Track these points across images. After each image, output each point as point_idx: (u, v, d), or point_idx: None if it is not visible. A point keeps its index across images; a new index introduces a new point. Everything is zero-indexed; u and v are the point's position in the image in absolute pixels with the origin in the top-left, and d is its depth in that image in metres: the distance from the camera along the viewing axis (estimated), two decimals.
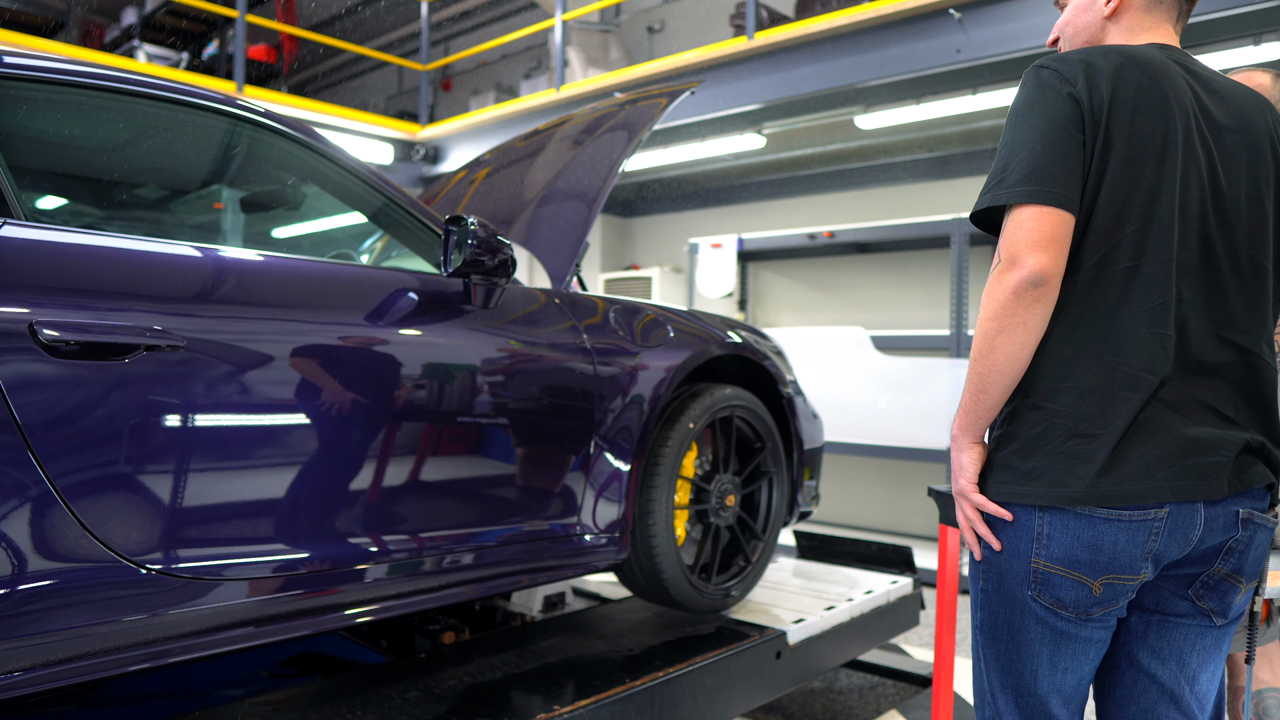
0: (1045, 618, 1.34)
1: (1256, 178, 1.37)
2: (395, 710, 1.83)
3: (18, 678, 1.29)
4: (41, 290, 1.33)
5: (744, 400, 2.45)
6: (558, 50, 6.94)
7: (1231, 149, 1.36)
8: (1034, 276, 1.26)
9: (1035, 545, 1.32)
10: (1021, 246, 1.27)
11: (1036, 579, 1.33)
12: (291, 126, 1.84)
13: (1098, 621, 1.35)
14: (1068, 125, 1.29)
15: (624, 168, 2.40)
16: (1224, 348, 1.33)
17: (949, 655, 2.36)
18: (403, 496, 1.76)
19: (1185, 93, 1.34)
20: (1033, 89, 1.34)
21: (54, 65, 1.57)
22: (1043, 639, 1.36)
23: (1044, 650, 1.36)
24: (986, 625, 1.42)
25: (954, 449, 1.41)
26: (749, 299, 7.45)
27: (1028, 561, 1.33)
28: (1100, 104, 1.29)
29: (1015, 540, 1.34)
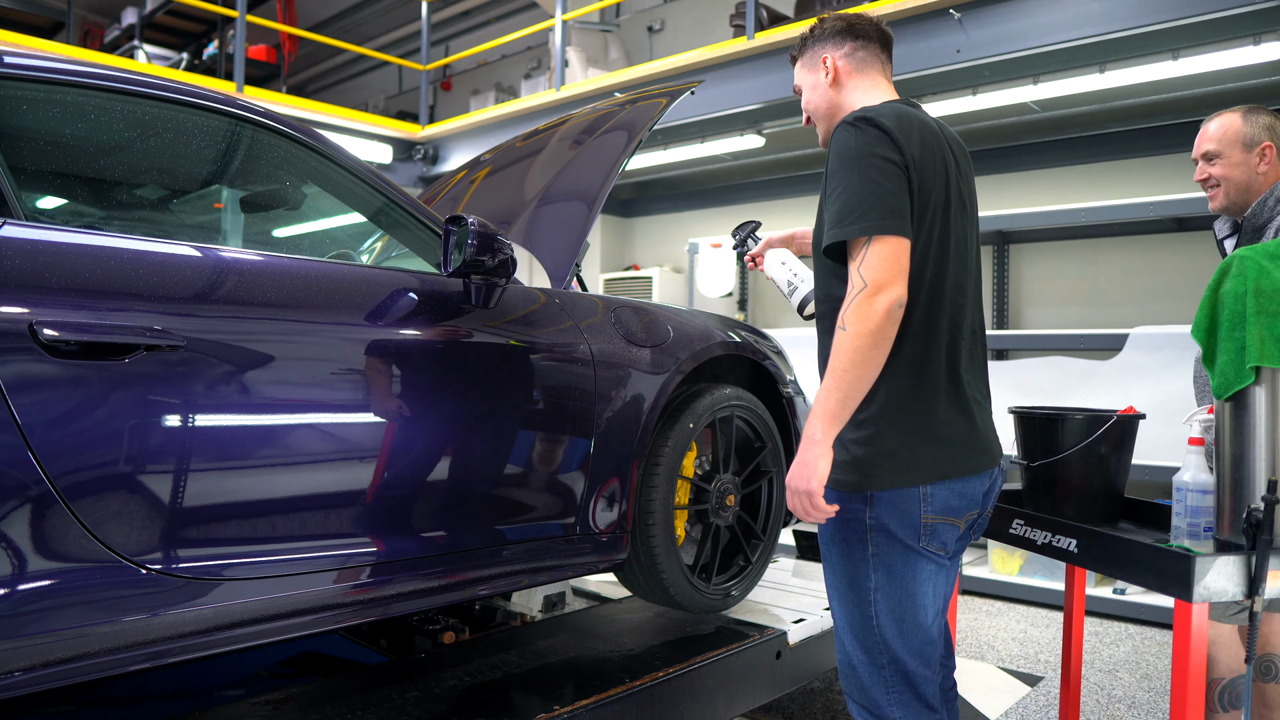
0: (933, 558, 1.65)
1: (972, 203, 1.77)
2: (395, 710, 1.83)
3: (18, 678, 1.29)
4: (41, 290, 1.33)
5: (744, 400, 2.45)
6: (558, 50, 6.94)
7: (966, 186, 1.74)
8: (900, 299, 1.54)
9: (922, 505, 1.62)
10: (889, 273, 1.53)
11: (926, 530, 1.63)
12: (291, 126, 1.84)
13: (957, 552, 1.71)
14: (899, 170, 1.58)
15: (624, 168, 2.40)
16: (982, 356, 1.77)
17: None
18: (403, 497, 1.76)
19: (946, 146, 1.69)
20: (867, 138, 1.60)
21: (54, 65, 1.57)
22: (929, 576, 1.65)
23: (929, 586, 1.66)
24: (881, 583, 1.66)
25: (813, 450, 1.56)
26: (749, 299, 7.45)
27: (917, 519, 1.62)
28: (913, 155, 1.59)
29: (904, 504, 1.62)
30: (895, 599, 1.65)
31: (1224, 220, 2.49)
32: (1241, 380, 1.78)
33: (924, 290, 1.62)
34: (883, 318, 1.52)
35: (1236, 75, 4.83)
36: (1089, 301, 5.67)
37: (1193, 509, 1.88)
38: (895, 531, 1.63)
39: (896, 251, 1.53)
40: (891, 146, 1.58)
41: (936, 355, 1.63)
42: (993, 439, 1.74)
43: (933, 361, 1.63)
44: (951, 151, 1.70)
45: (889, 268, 1.53)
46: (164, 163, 1.89)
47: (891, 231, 1.53)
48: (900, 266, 1.54)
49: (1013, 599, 4.78)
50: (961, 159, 1.75)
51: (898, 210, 1.55)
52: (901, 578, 1.65)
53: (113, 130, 1.73)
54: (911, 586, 1.65)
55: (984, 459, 1.68)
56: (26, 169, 1.59)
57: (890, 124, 1.59)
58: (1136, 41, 4.35)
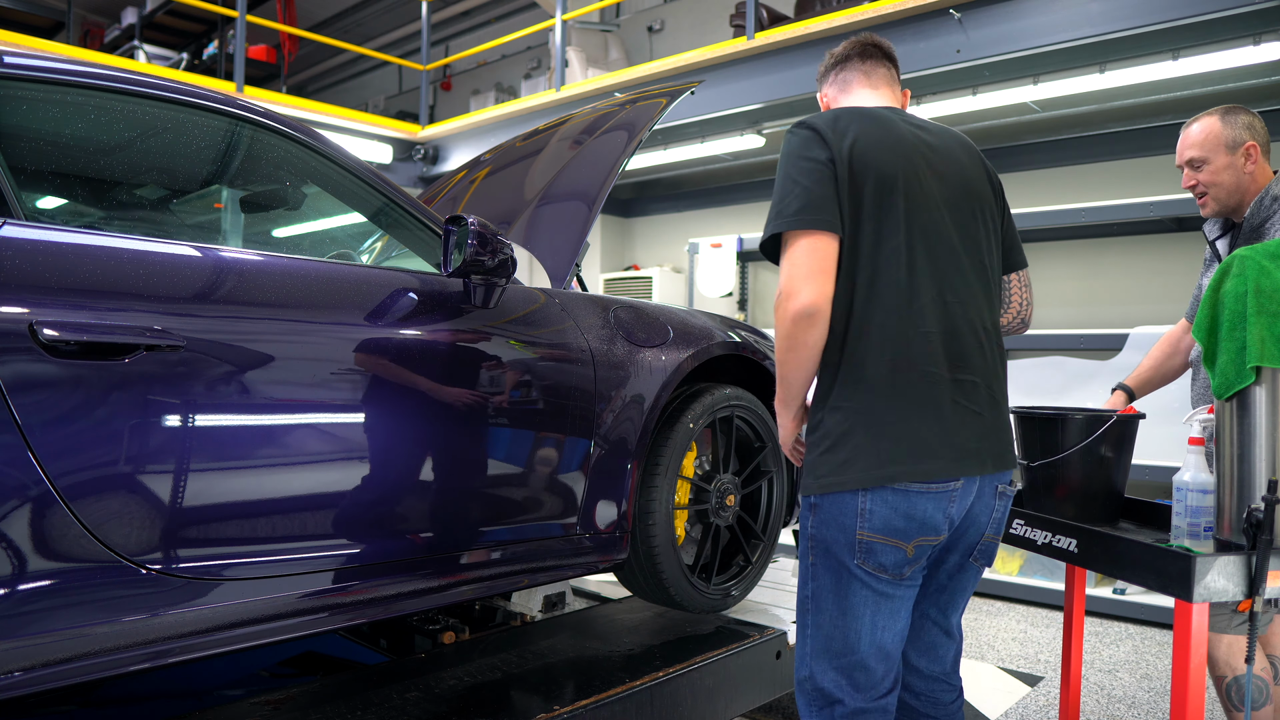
0: (870, 581, 1.55)
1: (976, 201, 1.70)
2: (395, 710, 1.83)
3: (18, 678, 1.29)
4: (41, 290, 1.33)
5: (744, 400, 2.45)
6: (558, 50, 6.94)
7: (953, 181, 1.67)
8: (807, 307, 1.54)
9: (859, 519, 1.53)
10: (799, 277, 1.55)
11: (862, 548, 1.54)
12: (291, 126, 1.84)
13: (909, 581, 1.58)
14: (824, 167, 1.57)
15: (624, 168, 2.40)
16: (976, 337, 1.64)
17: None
18: (403, 496, 1.76)
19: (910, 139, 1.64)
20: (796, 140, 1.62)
21: (54, 65, 1.56)
22: (866, 601, 1.56)
23: (866, 611, 1.56)
24: (816, 595, 1.62)
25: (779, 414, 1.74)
26: (749, 299, 7.45)
27: (853, 534, 1.54)
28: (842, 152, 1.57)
29: (840, 516, 1.55)
30: (826, 615, 1.59)
31: (1214, 222, 2.48)
32: (1242, 380, 1.78)
33: (864, 284, 1.56)
34: (789, 325, 1.54)
35: (1236, 75, 4.82)
36: (1089, 301, 5.67)
37: (1193, 509, 1.88)
38: (830, 545, 1.57)
39: (810, 250, 1.54)
40: (819, 145, 1.58)
41: (882, 351, 1.54)
42: (970, 447, 1.56)
43: (876, 357, 1.54)
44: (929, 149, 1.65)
45: (799, 271, 1.53)
46: (164, 163, 1.89)
47: (807, 226, 1.53)
48: (811, 268, 1.53)
49: (1013, 599, 4.78)
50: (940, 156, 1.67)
51: (814, 205, 1.54)
52: (834, 594, 1.58)
53: (113, 130, 1.73)
54: (844, 605, 1.57)
55: (938, 466, 1.52)
56: (26, 169, 1.59)
57: (822, 124, 1.60)
58: (1136, 41, 4.35)
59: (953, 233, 1.63)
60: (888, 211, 1.57)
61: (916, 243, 1.58)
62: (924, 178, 1.62)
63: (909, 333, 1.55)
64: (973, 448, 1.56)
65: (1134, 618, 4.41)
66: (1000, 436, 1.63)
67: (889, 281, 1.56)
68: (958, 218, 1.65)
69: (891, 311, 1.56)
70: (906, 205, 1.58)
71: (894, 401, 1.54)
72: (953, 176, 1.67)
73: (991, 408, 1.61)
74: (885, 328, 1.55)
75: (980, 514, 1.64)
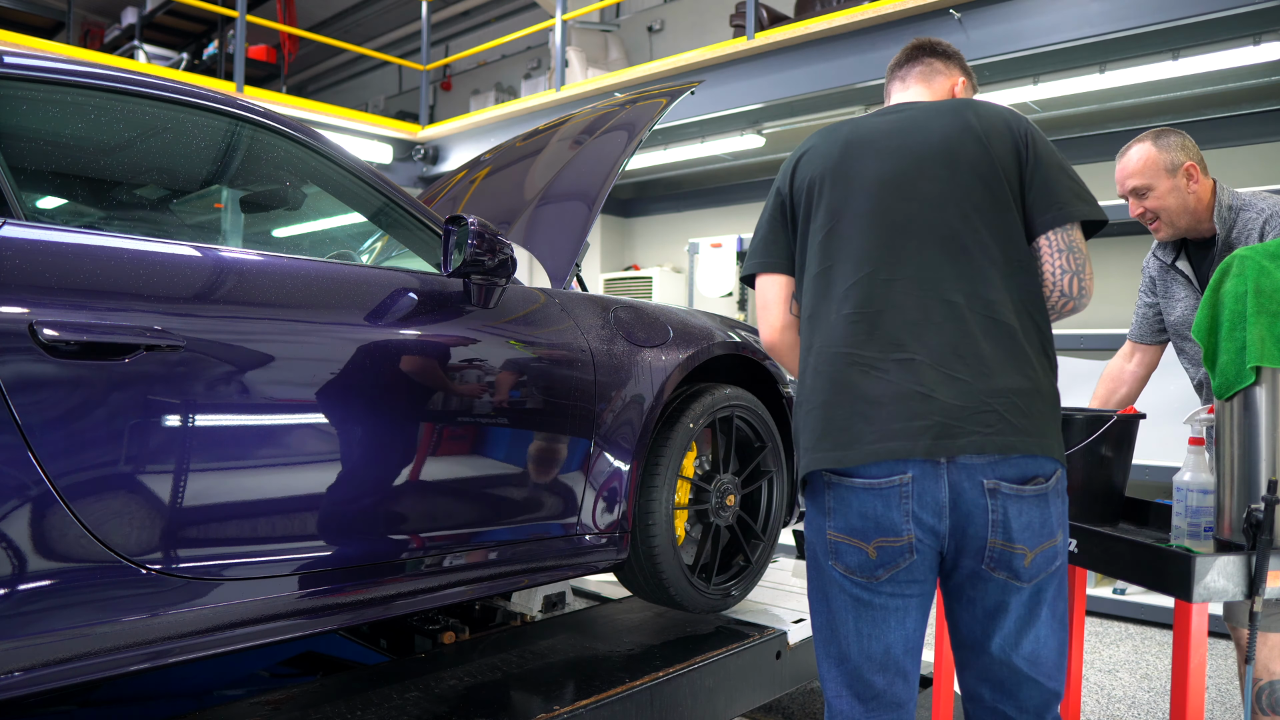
0: (844, 584, 1.50)
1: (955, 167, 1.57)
2: (395, 710, 1.83)
3: (18, 678, 1.29)
4: (41, 290, 1.33)
5: (744, 400, 2.45)
6: (558, 50, 6.94)
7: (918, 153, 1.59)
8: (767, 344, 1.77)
9: (828, 517, 1.50)
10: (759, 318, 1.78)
11: (831, 548, 1.51)
12: (291, 126, 1.84)
13: (889, 588, 1.48)
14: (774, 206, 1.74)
15: (624, 168, 2.40)
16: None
17: (949, 655, 2.36)
18: (403, 496, 1.76)
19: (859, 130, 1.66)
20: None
21: (54, 65, 1.56)
22: (846, 605, 1.51)
23: (849, 617, 1.51)
24: (810, 597, 1.59)
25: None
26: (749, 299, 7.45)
27: (824, 534, 1.51)
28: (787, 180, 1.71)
29: (815, 516, 1.54)
30: (821, 618, 1.57)
31: (1163, 248, 2.49)
32: (1242, 380, 1.78)
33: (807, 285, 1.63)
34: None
35: (1236, 75, 4.82)
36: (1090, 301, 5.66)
37: (1193, 509, 1.87)
38: (811, 545, 1.56)
39: (760, 290, 1.74)
40: (776, 183, 1.74)
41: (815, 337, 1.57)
42: (895, 427, 1.43)
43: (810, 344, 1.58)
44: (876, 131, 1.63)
45: (758, 310, 1.75)
46: (164, 163, 1.89)
47: (755, 270, 1.74)
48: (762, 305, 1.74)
49: None
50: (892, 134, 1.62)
51: (757, 249, 1.74)
52: (823, 596, 1.55)
53: (113, 130, 1.73)
54: (831, 607, 1.54)
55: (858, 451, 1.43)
56: (26, 169, 1.59)
57: (787, 160, 1.74)
58: (1136, 41, 4.35)
59: (898, 208, 1.55)
60: (815, 213, 1.63)
61: (843, 229, 1.58)
62: (855, 164, 1.60)
63: (830, 318, 1.55)
64: (899, 428, 1.43)
65: (1134, 618, 4.41)
66: (966, 417, 1.43)
67: (811, 275, 1.61)
68: (908, 192, 1.55)
69: (816, 302, 1.59)
70: (830, 198, 1.61)
71: (816, 390, 1.54)
72: (907, 149, 1.58)
73: (949, 384, 1.44)
74: (813, 320, 1.58)
75: (971, 513, 1.45)
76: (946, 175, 1.55)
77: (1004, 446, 1.43)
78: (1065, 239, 1.56)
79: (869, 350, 1.49)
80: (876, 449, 1.43)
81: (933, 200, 1.54)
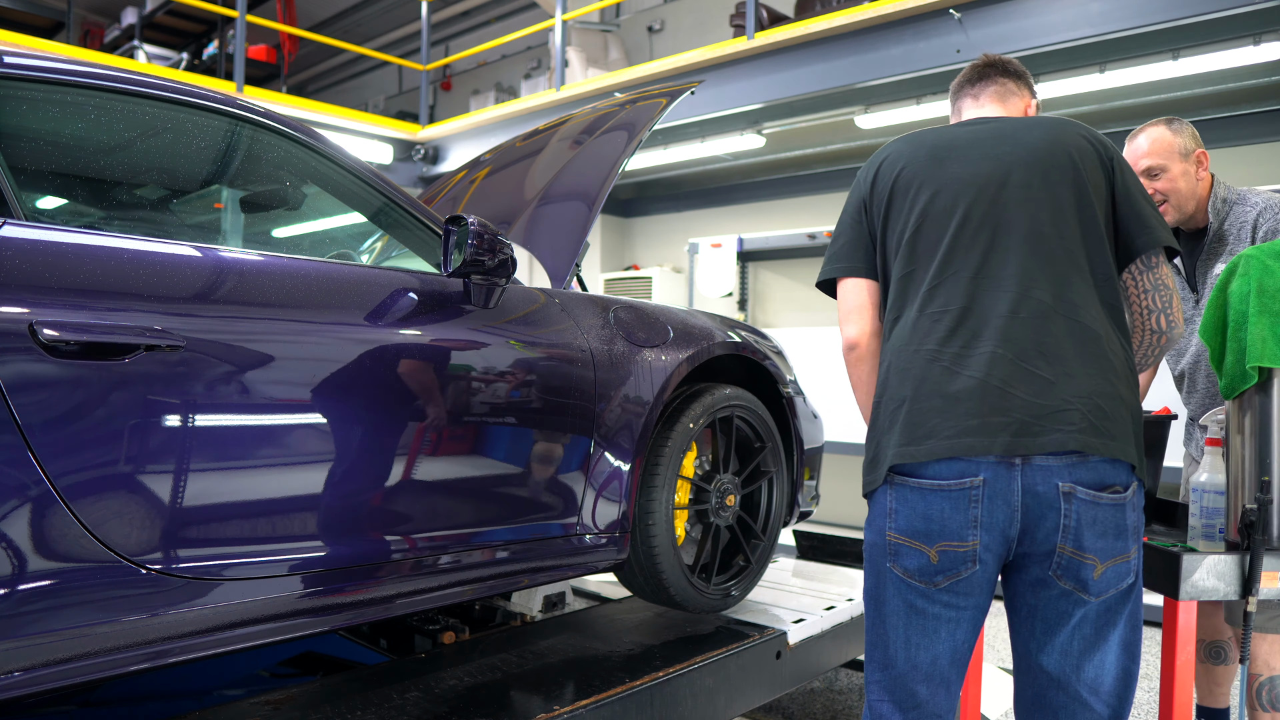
0: (901, 588, 1.49)
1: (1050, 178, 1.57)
2: (395, 710, 1.83)
3: (18, 678, 1.29)
4: (41, 290, 1.33)
5: (744, 400, 2.45)
6: (558, 50, 6.94)
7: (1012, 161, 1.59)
8: (848, 343, 1.70)
9: (889, 519, 1.50)
10: (840, 319, 1.72)
11: (891, 549, 1.50)
12: (291, 126, 1.84)
13: (946, 597, 1.45)
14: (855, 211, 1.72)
15: (624, 168, 2.40)
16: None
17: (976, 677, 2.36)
18: (403, 496, 1.76)
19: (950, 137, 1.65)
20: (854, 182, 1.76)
21: (54, 65, 1.56)
22: (899, 610, 1.49)
23: (900, 624, 1.49)
24: (865, 599, 1.59)
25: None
26: (749, 299, 7.45)
27: (884, 535, 1.51)
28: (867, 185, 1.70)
29: (876, 517, 1.54)
30: (871, 621, 1.56)
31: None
32: (1246, 381, 1.78)
33: (891, 287, 1.63)
34: (845, 363, 1.72)
35: (1236, 75, 4.82)
36: None
37: (1209, 510, 1.86)
38: (872, 547, 1.55)
39: (844, 295, 1.70)
40: (856, 189, 1.72)
41: (896, 339, 1.57)
42: (972, 424, 1.40)
43: (892, 346, 1.58)
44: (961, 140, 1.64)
45: (841, 312, 1.71)
46: (164, 163, 1.89)
47: (838, 274, 1.71)
48: (846, 309, 1.70)
49: None
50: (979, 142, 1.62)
51: (840, 253, 1.70)
52: (875, 600, 1.54)
53: (113, 130, 1.73)
54: (883, 612, 1.52)
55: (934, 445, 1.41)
56: (26, 169, 1.59)
57: (864, 167, 1.72)
58: (1136, 41, 4.35)
59: (987, 210, 1.54)
60: (899, 215, 1.62)
61: (929, 230, 1.57)
62: (943, 168, 1.60)
63: (913, 316, 1.55)
64: (977, 424, 1.40)
65: None
66: (1046, 415, 1.40)
67: (896, 277, 1.61)
68: (998, 195, 1.55)
69: (901, 303, 1.59)
70: (916, 200, 1.60)
71: (896, 388, 1.52)
72: (998, 156, 1.58)
73: (1030, 381, 1.41)
74: (896, 320, 1.59)
75: (1043, 516, 1.41)
76: (1039, 183, 1.55)
77: (1084, 445, 1.39)
78: (1152, 278, 1.59)
79: (951, 347, 1.47)
80: (952, 444, 1.41)
81: (1023, 205, 1.53)
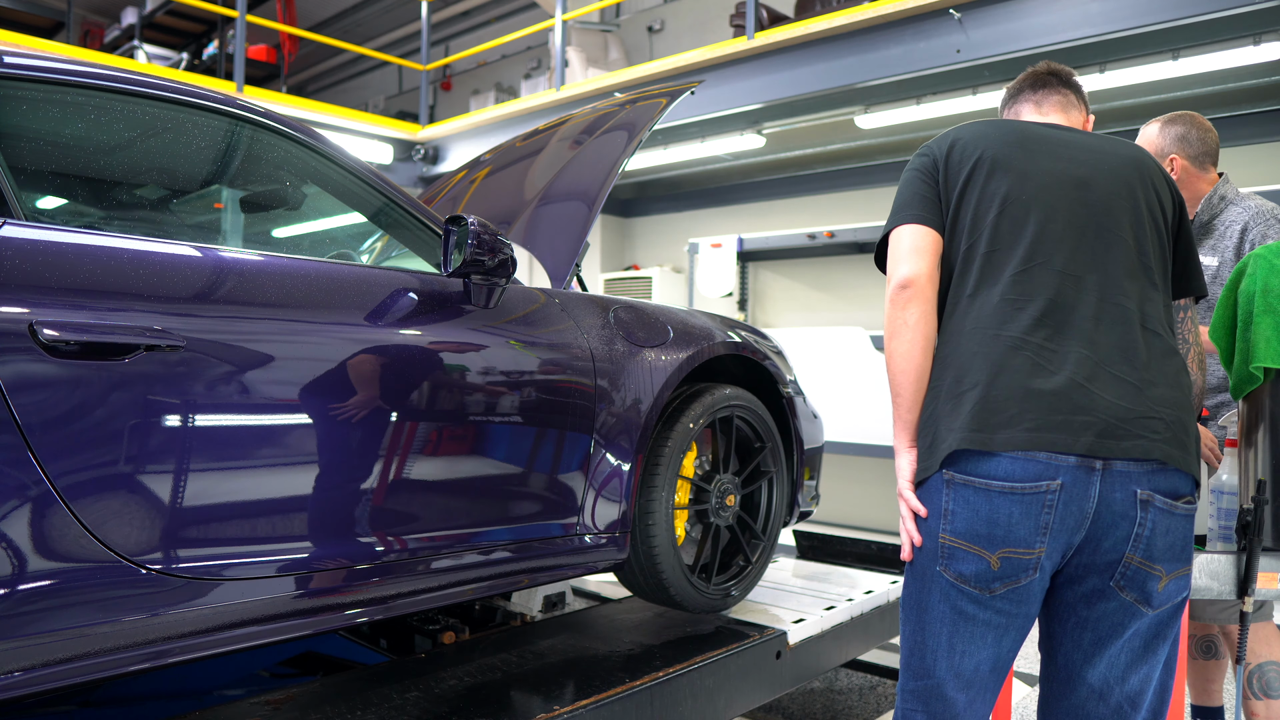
0: (952, 593, 1.42)
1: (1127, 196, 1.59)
2: (395, 710, 1.83)
3: (18, 678, 1.29)
4: (41, 290, 1.33)
5: (744, 400, 2.45)
6: (558, 50, 6.94)
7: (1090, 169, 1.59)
8: (905, 277, 1.52)
9: (943, 520, 1.43)
10: (893, 259, 1.57)
11: (944, 553, 1.43)
12: (291, 126, 1.84)
13: (1001, 605, 1.41)
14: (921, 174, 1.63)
15: (624, 168, 2.40)
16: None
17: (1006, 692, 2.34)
18: (403, 496, 1.76)
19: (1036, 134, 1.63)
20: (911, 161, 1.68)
21: (54, 65, 1.56)
22: (944, 617, 1.44)
23: (944, 630, 1.44)
24: (904, 604, 1.54)
25: (896, 458, 1.56)
26: (749, 299, 7.45)
27: (937, 536, 1.44)
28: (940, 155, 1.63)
29: (926, 518, 1.46)
30: (910, 627, 1.49)
31: None
32: (1253, 381, 1.76)
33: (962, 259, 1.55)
34: (890, 306, 1.54)
35: (1236, 75, 4.83)
36: None
37: (1226, 511, 1.84)
38: (919, 547, 1.47)
39: (899, 237, 1.58)
40: (922, 156, 1.65)
41: (971, 318, 1.49)
42: (1056, 419, 1.36)
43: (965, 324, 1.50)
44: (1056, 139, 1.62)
45: (893, 255, 1.58)
46: (164, 163, 1.89)
47: (900, 222, 1.60)
48: (904, 249, 1.56)
49: None
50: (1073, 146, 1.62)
51: (907, 205, 1.60)
52: (917, 605, 1.47)
53: (113, 130, 1.73)
54: (924, 619, 1.46)
55: (1010, 435, 1.35)
56: (26, 169, 1.59)
57: (933, 141, 1.67)
58: (1136, 41, 4.35)
59: (1079, 211, 1.54)
60: (977, 190, 1.56)
61: (1017, 214, 1.52)
62: (1034, 159, 1.57)
63: (994, 300, 1.48)
64: (1061, 420, 1.36)
65: None
66: (1132, 420, 1.38)
67: (980, 253, 1.53)
68: (1091, 198, 1.56)
69: (978, 282, 1.51)
70: (1004, 183, 1.55)
71: (971, 371, 1.44)
72: (1089, 162, 1.60)
73: (1115, 385, 1.40)
74: (972, 298, 1.51)
75: (1115, 524, 1.38)
76: (1125, 196, 1.57)
77: (1166, 455, 1.38)
78: (1190, 324, 1.68)
79: (1035, 338, 1.43)
80: (1033, 437, 1.35)
81: (1110, 214, 1.55)
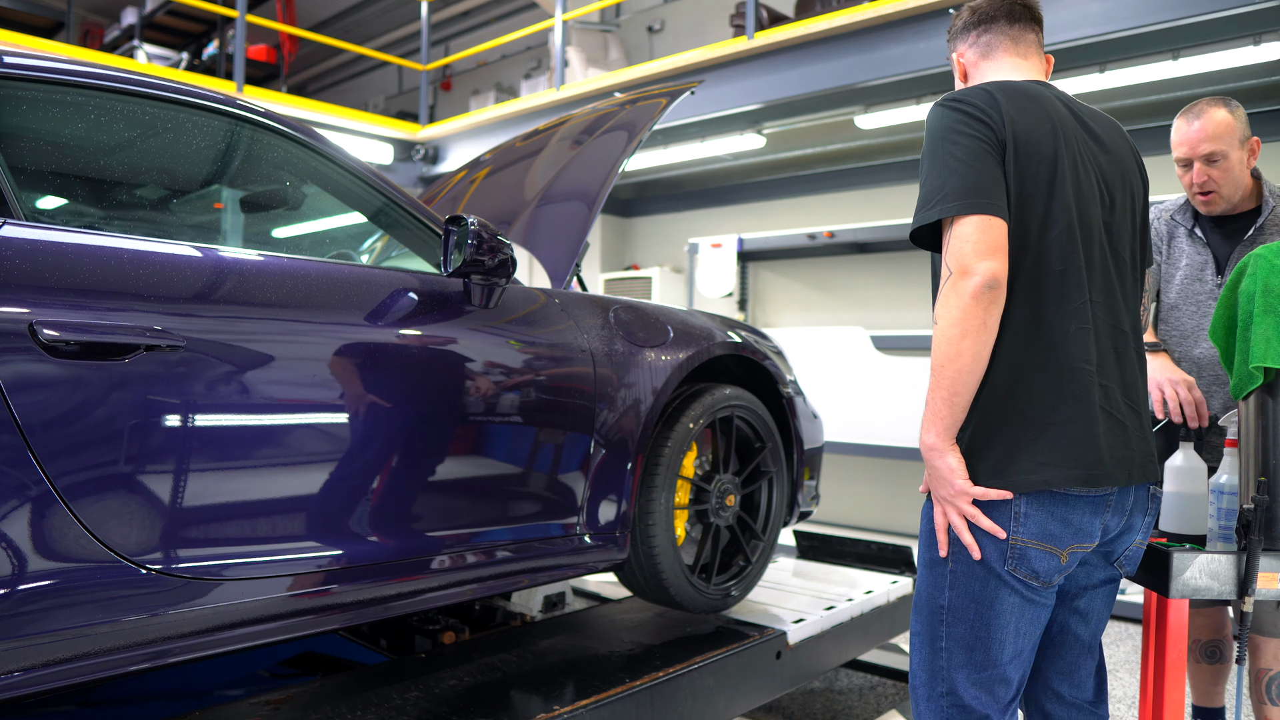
0: (1019, 588, 1.48)
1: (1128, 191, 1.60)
2: (395, 710, 1.83)
3: (18, 678, 1.29)
4: (41, 290, 1.33)
5: (744, 400, 2.45)
6: (558, 50, 6.94)
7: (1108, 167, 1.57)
8: (991, 279, 1.40)
9: (1014, 523, 1.45)
10: (975, 253, 1.41)
11: (1014, 554, 1.46)
12: (291, 126, 1.84)
13: (1050, 591, 1.52)
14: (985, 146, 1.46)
15: (624, 168, 2.40)
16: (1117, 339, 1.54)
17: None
18: (402, 496, 1.76)
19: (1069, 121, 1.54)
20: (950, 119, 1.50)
21: (54, 65, 1.56)
22: (1012, 609, 1.49)
23: (1010, 620, 1.49)
24: (954, 605, 1.52)
25: (935, 455, 1.49)
26: (749, 299, 7.45)
27: (1004, 540, 1.46)
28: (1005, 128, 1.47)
29: (994, 519, 1.47)
30: (968, 625, 1.50)
31: (1184, 211, 2.42)
32: (1253, 381, 1.76)
33: (1027, 270, 1.46)
34: (970, 302, 1.39)
35: (1236, 75, 4.82)
36: None
37: (1226, 511, 1.84)
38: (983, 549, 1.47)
39: (981, 229, 1.40)
40: (979, 124, 1.46)
41: (1048, 342, 1.45)
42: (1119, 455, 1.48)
43: (1041, 348, 1.45)
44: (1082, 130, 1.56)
45: (973, 248, 1.40)
46: (164, 163, 1.89)
47: (973, 210, 1.41)
48: (987, 245, 1.40)
49: None
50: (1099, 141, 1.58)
51: (980, 188, 1.42)
52: (978, 603, 1.49)
53: (113, 130, 1.73)
54: (988, 615, 1.48)
55: (1098, 472, 1.44)
56: (26, 169, 1.59)
57: (979, 100, 1.48)
58: (1136, 41, 4.34)
59: (1101, 225, 1.52)
60: (1052, 198, 1.46)
61: (1076, 234, 1.47)
62: (1082, 165, 1.52)
63: (1069, 330, 1.45)
64: (1121, 455, 1.48)
65: (1134, 618, 4.41)
66: (1146, 445, 1.55)
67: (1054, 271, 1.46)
68: (1108, 207, 1.55)
69: (1049, 303, 1.46)
70: (1071, 186, 1.47)
71: (1057, 407, 1.44)
72: (1110, 165, 1.58)
73: (1132, 415, 1.53)
74: (1043, 323, 1.45)
75: (1136, 522, 1.58)
76: (1127, 202, 1.61)
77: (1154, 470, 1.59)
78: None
79: (1100, 373, 1.48)
80: (1107, 474, 1.46)
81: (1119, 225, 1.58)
